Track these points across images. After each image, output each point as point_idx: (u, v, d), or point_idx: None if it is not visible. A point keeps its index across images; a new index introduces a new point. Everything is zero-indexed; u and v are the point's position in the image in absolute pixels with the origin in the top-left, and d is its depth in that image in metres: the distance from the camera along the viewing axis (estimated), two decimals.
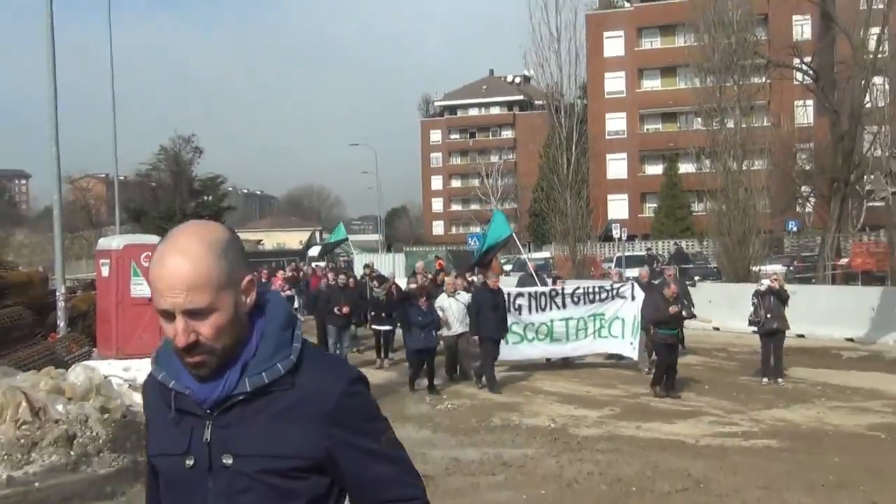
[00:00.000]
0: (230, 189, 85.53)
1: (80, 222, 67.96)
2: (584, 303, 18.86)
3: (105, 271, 19.92)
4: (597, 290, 19.20)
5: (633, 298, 18.36)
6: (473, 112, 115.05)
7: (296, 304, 24.79)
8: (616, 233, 49.01)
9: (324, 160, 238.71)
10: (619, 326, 18.68)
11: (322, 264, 42.68)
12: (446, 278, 19.20)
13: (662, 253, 53.28)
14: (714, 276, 35.18)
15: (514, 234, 22.71)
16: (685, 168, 65.67)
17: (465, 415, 14.02)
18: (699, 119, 57.33)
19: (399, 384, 17.26)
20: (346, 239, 30.35)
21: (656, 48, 70.58)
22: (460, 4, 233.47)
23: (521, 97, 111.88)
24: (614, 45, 70.25)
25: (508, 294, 18.06)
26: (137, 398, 14.13)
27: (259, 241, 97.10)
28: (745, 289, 21.68)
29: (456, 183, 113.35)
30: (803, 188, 47.97)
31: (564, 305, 18.69)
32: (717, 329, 24.27)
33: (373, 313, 20.36)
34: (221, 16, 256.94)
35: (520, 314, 18.35)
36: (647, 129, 71.69)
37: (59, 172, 20.70)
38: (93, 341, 19.94)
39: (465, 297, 17.44)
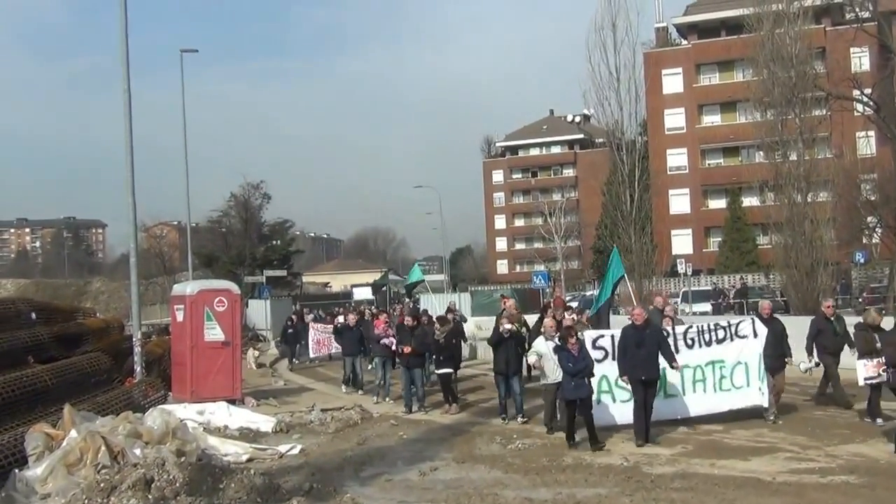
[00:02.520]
0: (298, 233, 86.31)
1: (154, 269, 69.04)
2: (700, 345, 15.84)
3: (179, 316, 20.19)
4: (712, 328, 16.13)
5: (755, 336, 15.73)
6: (535, 152, 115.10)
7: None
8: (681, 268, 48.47)
9: (389, 202, 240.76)
10: (742, 373, 15.68)
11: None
12: (546, 320, 16.78)
13: (729, 287, 52.55)
14: (782, 309, 34.57)
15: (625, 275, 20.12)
16: (749, 201, 64.92)
17: (536, 454, 13.81)
18: (761, 152, 57.03)
19: (468, 424, 17.12)
20: (423, 280, 30.39)
21: (715, 84, 69.94)
22: (519, 48, 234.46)
23: (581, 136, 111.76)
24: (673, 82, 69.79)
25: (613, 337, 15.38)
26: (212, 441, 14.23)
27: (326, 284, 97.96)
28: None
29: (519, 222, 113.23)
30: (869, 219, 46.99)
31: (677, 350, 15.30)
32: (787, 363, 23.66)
33: (434, 356, 19.53)
34: (285, 63, 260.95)
35: (613, 360, 15.23)
36: (709, 164, 70.92)
37: (136, 221, 21.01)
38: (168, 385, 20.16)
39: None
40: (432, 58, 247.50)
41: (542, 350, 15.33)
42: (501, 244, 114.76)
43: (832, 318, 17.31)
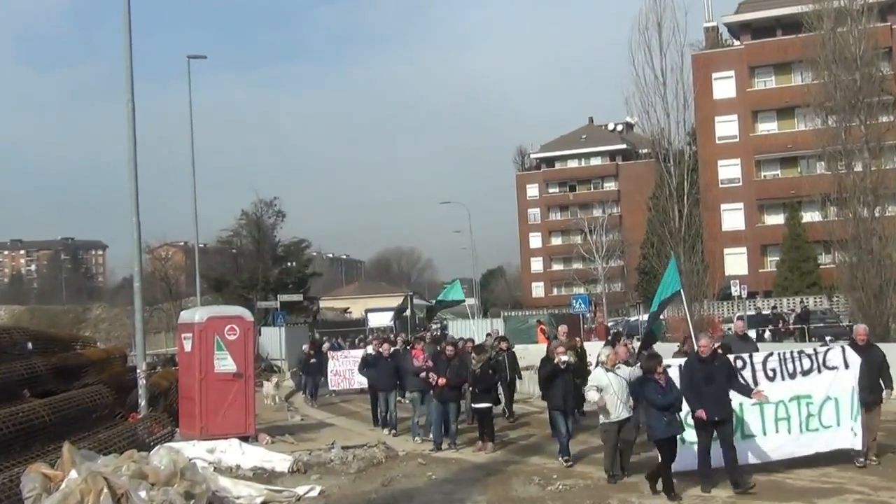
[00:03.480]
0: (314, 254, 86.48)
1: (159, 294, 69.28)
2: (783, 377, 14.78)
3: (187, 345, 20.28)
4: (796, 356, 15.02)
5: (846, 366, 14.71)
6: (573, 163, 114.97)
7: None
8: (735, 290, 48.22)
9: (413, 220, 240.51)
10: (831, 410, 14.65)
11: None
12: (603, 349, 16.17)
13: (788, 311, 52.18)
14: (846, 335, 34.25)
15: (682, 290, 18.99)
16: (809, 216, 64.42)
17: (578, 496, 13.74)
18: (822, 163, 56.65)
19: (503, 463, 17.06)
20: (464, 300, 29.37)
21: (771, 88, 69.61)
22: (554, 50, 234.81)
23: (623, 146, 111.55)
24: (724, 86, 69.50)
25: (681, 367, 14.43)
26: (224, 482, 14.24)
27: (346, 309, 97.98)
28: (886, 349, 20.89)
29: (556, 240, 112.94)
30: None
31: (756, 382, 14.53)
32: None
33: (471, 389, 19.30)
34: (298, 70, 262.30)
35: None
36: (765, 176, 70.51)
37: (140, 242, 21.17)
38: (175, 421, 20.22)
39: (626, 371, 14.73)
40: (458, 64, 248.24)
41: (603, 383, 14.51)
42: (537, 265, 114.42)
43: None
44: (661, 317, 21.73)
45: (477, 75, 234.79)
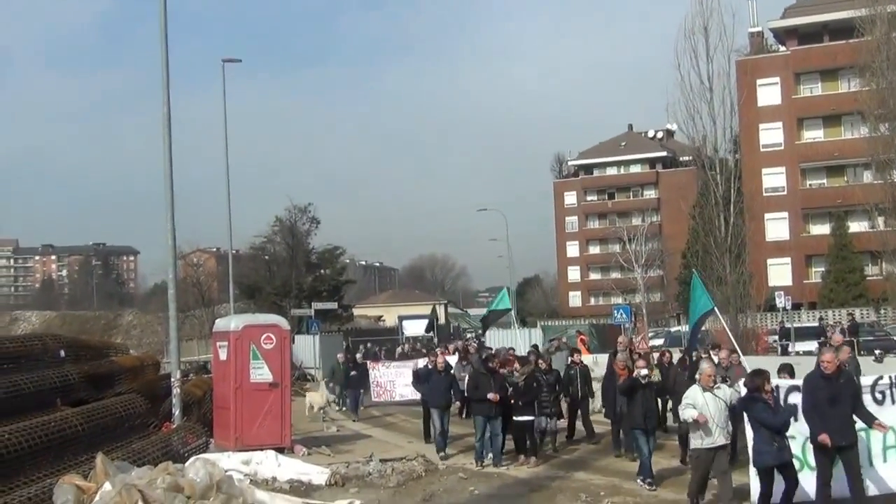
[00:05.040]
0: (348, 261, 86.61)
1: (191, 300, 69.42)
2: (893, 401, 13.34)
3: (223, 354, 20.13)
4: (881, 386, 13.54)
5: None
6: (612, 171, 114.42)
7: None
8: (780, 301, 47.63)
9: (448, 228, 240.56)
10: None
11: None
12: (704, 365, 14.18)
13: (834, 324, 51.51)
14: None
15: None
16: (856, 226, 63.70)
17: None
18: (870, 171, 56.02)
19: (547, 478, 16.76)
20: (510, 309, 28.68)
21: (817, 95, 68.92)
22: (593, 56, 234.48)
23: (664, 153, 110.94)
24: (769, 93, 68.83)
25: (777, 388, 13.00)
26: (261, 496, 14.02)
27: (380, 317, 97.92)
28: None
29: (594, 249, 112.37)
30: None
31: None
32: None
33: (513, 402, 18.71)
34: (335, 78, 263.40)
35: (794, 420, 12.67)
36: (811, 185, 69.75)
37: (175, 248, 21.06)
38: (209, 431, 20.05)
39: (726, 392, 13.51)
40: (496, 71, 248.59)
41: (699, 403, 13.14)
42: (574, 274, 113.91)
43: None
44: (698, 335, 20.75)
45: (515, 82, 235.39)
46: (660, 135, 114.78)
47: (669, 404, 19.24)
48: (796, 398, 12.69)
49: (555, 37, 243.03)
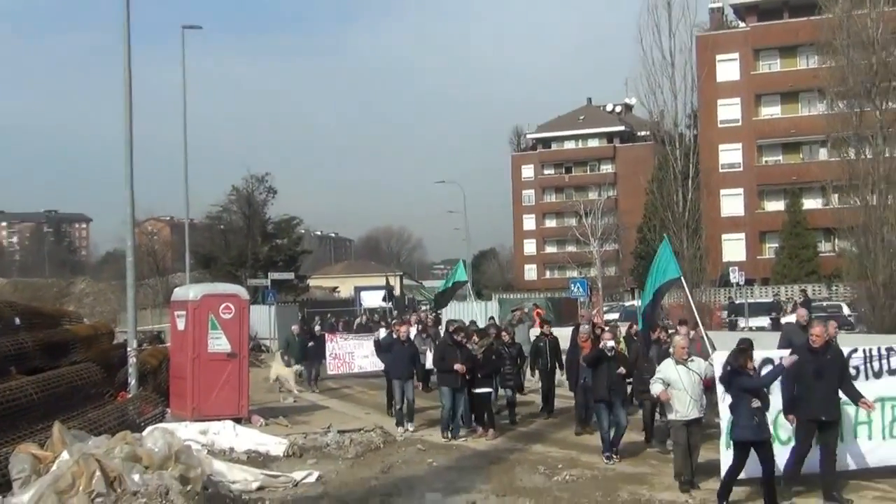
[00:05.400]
0: (303, 231, 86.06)
1: (145, 269, 68.74)
2: (867, 376, 13.30)
3: (180, 324, 19.96)
4: (884, 354, 13.51)
5: None
6: (569, 145, 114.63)
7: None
8: (734, 277, 48.04)
9: (405, 200, 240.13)
10: None
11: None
12: (677, 338, 14.13)
13: (787, 299, 52.09)
14: (849, 326, 34.13)
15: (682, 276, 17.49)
16: (811, 203, 64.36)
17: (586, 487, 13.52)
18: (824, 149, 56.47)
19: (505, 451, 16.83)
20: (466, 281, 28.14)
21: (776, 71, 69.43)
22: (551, 30, 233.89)
23: (622, 128, 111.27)
24: (728, 68, 69.21)
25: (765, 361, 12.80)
26: (219, 466, 13.97)
27: (335, 289, 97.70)
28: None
29: (550, 223, 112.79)
30: None
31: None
32: None
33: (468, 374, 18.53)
34: (298, 48, 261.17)
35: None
36: (766, 161, 70.34)
37: (133, 217, 20.86)
38: (165, 400, 19.92)
39: (700, 365, 13.42)
40: (454, 39, 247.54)
41: (672, 377, 13.15)
42: (530, 247, 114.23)
43: None
44: (660, 303, 19.63)
45: (474, 54, 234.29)
46: (618, 109, 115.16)
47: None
48: (768, 370, 12.50)
49: (516, 9, 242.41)
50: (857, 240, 30.40)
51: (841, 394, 12.42)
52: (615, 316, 45.09)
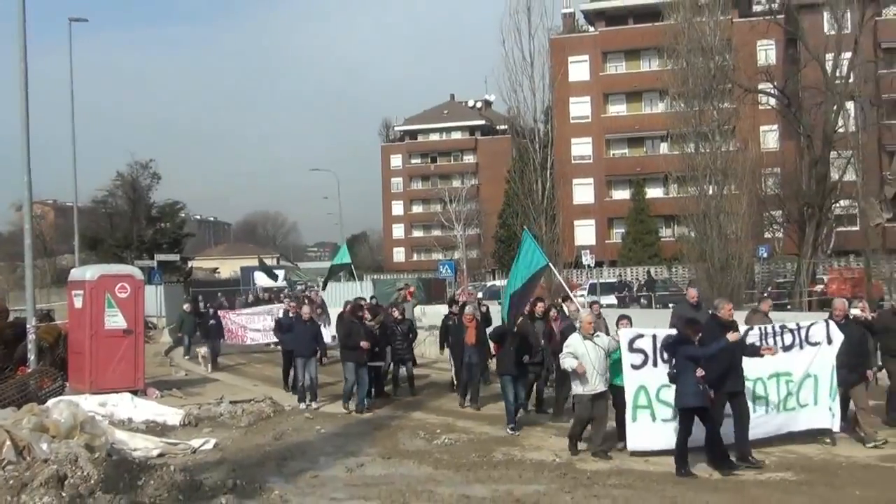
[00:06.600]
0: (184, 215, 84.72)
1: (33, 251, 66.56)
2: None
3: (78, 302, 19.61)
4: (778, 332, 13.57)
5: (829, 342, 13.45)
6: (434, 137, 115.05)
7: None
8: (585, 259, 49.08)
9: (282, 186, 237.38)
10: (810, 388, 13.39)
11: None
12: (583, 313, 14.03)
13: (632, 280, 53.48)
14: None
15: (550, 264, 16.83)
16: (653, 193, 66.24)
17: (464, 449, 13.76)
18: (665, 144, 58.19)
19: (387, 418, 16.99)
20: (350, 263, 27.58)
21: (621, 73, 71.10)
22: (420, 30, 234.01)
23: (482, 122, 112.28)
24: (579, 69, 70.52)
25: (654, 338, 13.04)
26: (120, 435, 13.80)
27: (215, 269, 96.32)
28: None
29: (417, 208, 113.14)
30: (774, 213, 48.36)
31: None
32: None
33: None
34: (179, 37, 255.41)
35: (654, 367, 12.90)
36: (614, 154, 72.04)
37: (31, 202, 20.37)
38: (64, 375, 19.51)
39: (604, 340, 13.39)
40: (333, 37, 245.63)
41: (580, 351, 13.03)
42: (398, 231, 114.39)
43: None
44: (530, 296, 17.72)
45: (348, 50, 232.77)
46: (479, 104, 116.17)
47: None
48: (643, 345, 12.89)
49: (386, 9, 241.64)
50: (696, 226, 31.42)
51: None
52: (480, 295, 45.58)
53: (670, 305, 31.53)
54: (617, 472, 12.00)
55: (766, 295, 27.08)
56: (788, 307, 34.21)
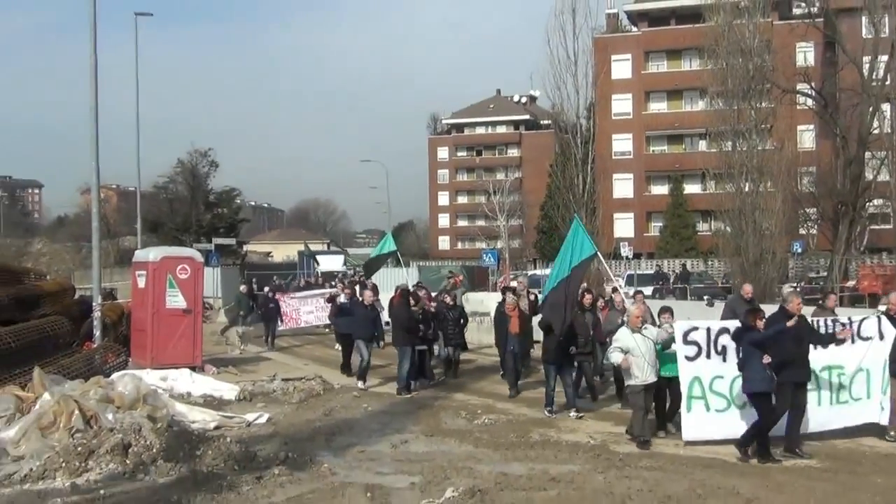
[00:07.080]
0: (239, 201, 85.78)
1: None
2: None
3: (141, 282, 20.01)
4: (830, 325, 13.23)
5: (881, 337, 13.10)
6: (480, 130, 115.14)
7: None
8: (624, 251, 49.03)
9: (334, 175, 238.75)
10: (862, 382, 13.10)
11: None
12: (631, 307, 14.01)
13: (669, 272, 53.30)
14: (722, 296, 35.15)
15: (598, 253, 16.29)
16: (691, 189, 65.94)
17: (503, 430, 13.93)
18: (703, 141, 57.87)
19: (431, 398, 17.18)
20: (396, 251, 27.34)
21: (662, 72, 70.76)
22: (469, 28, 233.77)
23: (527, 116, 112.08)
24: (621, 68, 70.30)
25: (709, 330, 12.76)
26: (179, 407, 14.14)
27: (268, 254, 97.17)
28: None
29: (462, 199, 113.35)
30: (808, 210, 47.98)
31: None
32: None
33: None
34: (238, 32, 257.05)
35: (708, 359, 12.68)
36: (653, 151, 71.76)
37: (98, 186, 20.79)
38: (127, 350, 19.95)
39: (653, 332, 13.24)
40: (387, 35, 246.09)
41: (630, 345, 12.87)
42: (444, 220, 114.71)
43: None
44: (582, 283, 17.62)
45: (399, 46, 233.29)
46: (524, 100, 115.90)
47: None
48: (725, 340, 12.58)
49: (435, 3, 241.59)
50: (731, 221, 31.32)
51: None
52: (514, 284, 45.58)
53: (705, 297, 31.51)
54: (648, 454, 12.10)
55: (830, 291, 26.79)
56: (820, 302, 33.85)
